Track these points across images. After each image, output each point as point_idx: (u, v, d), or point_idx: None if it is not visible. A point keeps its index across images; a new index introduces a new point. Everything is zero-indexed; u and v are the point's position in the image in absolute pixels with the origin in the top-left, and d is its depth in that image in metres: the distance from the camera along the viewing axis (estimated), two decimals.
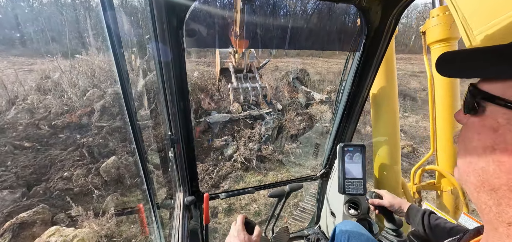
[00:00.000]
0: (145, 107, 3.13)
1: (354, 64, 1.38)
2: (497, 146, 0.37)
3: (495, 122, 0.37)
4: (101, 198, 3.82)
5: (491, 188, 0.38)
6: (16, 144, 4.48)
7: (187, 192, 1.41)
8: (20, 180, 3.81)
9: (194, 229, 1.34)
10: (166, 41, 0.94)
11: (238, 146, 5.68)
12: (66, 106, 5.54)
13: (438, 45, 1.79)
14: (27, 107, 5.35)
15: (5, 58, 10.18)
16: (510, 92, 0.36)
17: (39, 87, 6.12)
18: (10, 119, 5.04)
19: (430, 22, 1.81)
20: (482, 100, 0.40)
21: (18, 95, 5.79)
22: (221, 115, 6.46)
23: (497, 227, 0.39)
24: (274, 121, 6.39)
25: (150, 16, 0.90)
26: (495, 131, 0.37)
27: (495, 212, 0.39)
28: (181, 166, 1.32)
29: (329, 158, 1.75)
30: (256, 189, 1.66)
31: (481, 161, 0.40)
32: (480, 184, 0.40)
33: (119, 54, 0.72)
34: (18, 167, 4.01)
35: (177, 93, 1.07)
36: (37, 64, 8.95)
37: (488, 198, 0.39)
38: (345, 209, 1.55)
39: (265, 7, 1.30)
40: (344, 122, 1.56)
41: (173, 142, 1.24)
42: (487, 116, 0.39)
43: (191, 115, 5.09)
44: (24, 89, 6.00)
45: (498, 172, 0.37)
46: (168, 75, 1.00)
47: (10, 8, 14.37)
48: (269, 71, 10.08)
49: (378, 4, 1.20)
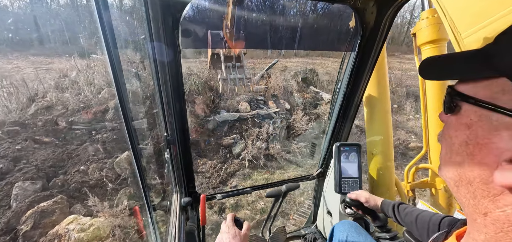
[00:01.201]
0: (140, 107, 3.22)
1: (350, 64, 1.38)
2: (470, 141, 0.40)
3: (468, 119, 0.40)
4: (115, 191, 4.01)
5: (467, 181, 0.41)
6: (36, 139, 4.77)
7: (184, 193, 1.40)
8: (40, 172, 4.06)
9: (190, 230, 1.33)
10: (161, 41, 0.93)
11: (246, 144, 5.75)
12: (82, 104, 5.82)
13: (428, 46, 1.84)
14: (46, 104, 5.67)
15: (25, 57, 10.77)
16: (481, 91, 0.38)
17: (57, 85, 6.46)
18: (30, 115, 5.37)
19: (420, 24, 1.86)
20: (458, 100, 0.42)
21: (37, 92, 6.14)
22: (230, 114, 6.55)
23: (475, 218, 0.41)
24: (282, 121, 6.40)
25: (146, 16, 0.89)
26: (469, 127, 0.40)
27: (472, 204, 0.41)
28: (177, 167, 1.31)
29: (325, 158, 1.75)
30: (253, 189, 1.67)
31: (458, 157, 0.42)
32: (458, 178, 0.43)
33: (113, 54, 0.72)
34: (38, 160, 4.28)
35: (173, 94, 1.06)
36: (55, 63, 9.43)
37: (466, 192, 0.42)
38: (342, 208, 1.56)
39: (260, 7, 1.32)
40: (340, 121, 1.57)
41: (169, 143, 1.23)
42: (462, 115, 0.42)
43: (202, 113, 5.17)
44: (43, 87, 6.36)
45: (472, 165, 0.39)
46: (164, 75, 1.01)
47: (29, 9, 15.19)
48: (278, 71, 10.06)
49: (373, 5, 1.19)
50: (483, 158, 0.38)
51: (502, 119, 0.35)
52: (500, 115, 0.35)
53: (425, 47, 1.87)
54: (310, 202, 2.05)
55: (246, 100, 7.08)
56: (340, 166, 1.51)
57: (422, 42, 1.87)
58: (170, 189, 1.48)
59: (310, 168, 5.30)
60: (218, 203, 4.15)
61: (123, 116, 0.84)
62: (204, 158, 5.43)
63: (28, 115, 5.39)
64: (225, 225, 0.92)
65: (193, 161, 5.28)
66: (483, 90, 0.38)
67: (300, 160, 5.60)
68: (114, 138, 5.06)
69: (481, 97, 0.38)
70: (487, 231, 0.39)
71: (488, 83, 0.38)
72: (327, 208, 1.71)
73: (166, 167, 1.46)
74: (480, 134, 0.38)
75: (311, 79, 9.24)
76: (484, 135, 0.38)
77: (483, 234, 0.40)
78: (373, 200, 1.22)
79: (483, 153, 0.38)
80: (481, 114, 0.38)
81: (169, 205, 1.43)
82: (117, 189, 4.05)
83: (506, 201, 0.36)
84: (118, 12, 10.90)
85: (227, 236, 0.87)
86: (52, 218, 3.19)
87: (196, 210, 1.47)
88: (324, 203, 1.74)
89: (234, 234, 0.87)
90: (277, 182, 1.70)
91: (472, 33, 0.74)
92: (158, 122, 1.38)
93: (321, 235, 1.80)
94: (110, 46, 0.71)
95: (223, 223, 0.94)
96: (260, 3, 1.30)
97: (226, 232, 0.89)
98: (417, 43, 1.93)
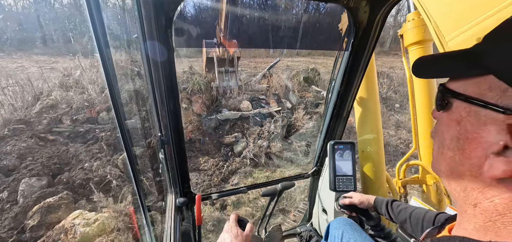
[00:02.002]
0: (134, 107, 3.24)
1: (343, 63, 1.39)
2: (461, 136, 0.41)
3: (458, 115, 0.42)
4: (119, 188, 4.08)
5: (458, 175, 0.43)
6: (42, 137, 4.87)
7: (179, 193, 1.39)
8: (45, 169, 4.15)
9: (186, 230, 1.32)
10: (154, 40, 0.92)
11: (248, 143, 5.78)
12: (86, 102, 5.92)
13: (415, 47, 1.93)
14: (51, 103, 5.78)
15: (29, 56, 10.94)
16: (469, 88, 0.40)
17: (62, 84, 6.57)
18: (35, 113, 5.48)
19: (406, 26, 1.94)
20: (449, 97, 0.44)
21: (42, 91, 6.24)
22: (232, 112, 6.58)
23: (466, 210, 0.44)
24: (283, 120, 6.41)
25: (138, 15, 0.87)
26: (459, 123, 0.42)
27: (463, 196, 0.43)
28: (172, 168, 1.29)
29: (320, 156, 1.76)
30: (249, 188, 1.68)
31: (450, 151, 0.44)
32: (449, 172, 0.45)
33: (105, 53, 0.71)
34: (44, 158, 4.37)
35: (167, 93, 1.05)
36: (59, 63, 9.57)
37: (456, 185, 0.44)
38: (336, 206, 1.57)
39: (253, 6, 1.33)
40: (334, 120, 1.58)
41: (163, 143, 1.21)
42: (453, 111, 0.44)
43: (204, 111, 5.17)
44: (48, 85, 6.46)
45: (462, 159, 0.41)
46: (157, 75, 1.00)
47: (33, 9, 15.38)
48: (280, 70, 10.06)
49: (366, 4, 1.20)
50: (472, 152, 0.40)
51: (489, 114, 0.37)
52: (488, 111, 0.37)
53: (412, 47, 1.95)
54: (306, 200, 2.07)
55: (247, 99, 7.10)
56: (334, 164, 1.53)
57: (409, 43, 1.95)
58: (165, 189, 1.47)
59: (309, 167, 5.31)
60: (219, 200, 4.19)
61: (116, 116, 0.83)
62: (206, 156, 5.48)
63: (33, 113, 5.50)
64: (228, 225, 0.93)
65: (195, 158, 5.34)
66: (472, 87, 0.40)
67: (300, 159, 5.61)
68: (117, 136, 5.13)
69: (470, 94, 0.40)
70: (476, 221, 0.41)
71: (476, 80, 0.39)
72: (322, 206, 1.72)
73: (161, 167, 1.45)
74: (470, 129, 0.40)
75: (312, 78, 9.20)
76: (473, 130, 0.39)
77: (472, 224, 0.42)
78: (367, 199, 1.24)
79: (472, 147, 0.40)
80: (470, 110, 0.40)
81: (164, 206, 1.42)
82: (121, 185, 4.12)
83: (494, 192, 0.38)
84: (110, 11, 10.95)
85: (229, 236, 0.88)
86: (58, 213, 3.27)
87: (191, 210, 1.46)
88: (319, 201, 1.75)
89: (236, 234, 0.88)
90: (272, 181, 1.71)
91: (454, 36, 0.79)
92: (152, 122, 1.37)
93: (316, 232, 1.82)
94: (102, 46, 0.70)
95: (227, 223, 0.95)
96: (254, 2, 1.31)
97: (228, 231, 0.90)
98: (404, 44, 2.01)
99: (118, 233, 3.18)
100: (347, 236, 1.19)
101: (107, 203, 3.55)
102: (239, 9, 1.31)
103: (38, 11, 15.31)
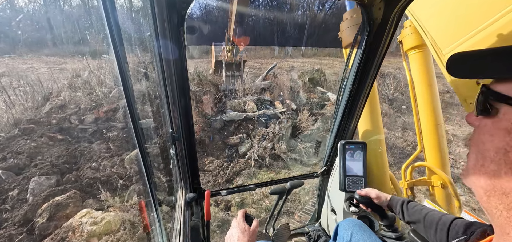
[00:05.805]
0: (147, 105, 3.29)
1: (356, 62, 1.36)
2: (511, 148, 0.35)
3: (509, 123, 0.36)
4: (125, 188, 4.12)
5: (502, 192, 0.37)
6: (51, 136, 4.95)
7: (189, 189, 1.41)
8: (54, 168, 4.21)
9: (195, 225, 1.36)
10: (167, 38, 0.93)
11: (252, 143, 5.76)
12: (94, 103, 6.00)
13: (414, 51, 2.00)
14: (60, 103, 5.87)
15: (39, 58, 11.17)
16: None
17: (70, 85, 6.68)
18: (45, 113, 5.57)
19: (405, 32, 2.01)
20: (496, 101, 0.38)
21: (52, 91, 6.36)
22: (236, 113, 6.58)
23: (508, 232, 0.37)
24: (288, 121, 6.38)
25: (151, 13, 0.89)
26: (509, 133, 0.36)
27: (506, 216, 0.37)
28: (182, 163, 1.32)
29: (330, 156, 1.74)
30: (257, 186, 1.68)
31: (493, 164, 0.38)
32: (491, 188, 0.39)
33: (120, 51, 0.72)
34: (53, 157, 4.43)
35: (178, 91, 1.06)
36: (68, 64, 9.74)
37: (499, 202, 0.38)
38: (346, 206, 1.55)
39: (264, 6, 1.33)
40: (346, 119, 1.55)
41: (174, 139, 1.22)
42: (501, 118, 0.38)
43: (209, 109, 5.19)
44: (57, 86, 6.58)
45: (510, 175, 0.35)
46: (169, 72, 1.01)
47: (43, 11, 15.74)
48: (285, 71, 10.04)
49: (381, 1, 1.18)
50: None
51: None
52: None
53: (412, 52, 2.03)
54: (314, 200, 2.05)
55: (252, 100, 7.09)
56: (345, 164, 1.50)
57: (408, 48, 2.02)
58: (175, 185, 1.49)
59: (315, 168, 5.26)
60: (224, 200, 4.19)
61: (130, 113, 0.84)
62: (211, 156, 5.49)
63: (43, 113, 5.60)
64: (236, 221, 0.96)
65: (200, 159, 5.36)
66: None
67: (305, 160, 5.57)
68: (124, 137, 5.18)
69: None
70: None
71: None
72: (331, 206, 1.70)
73: (171, 163, 1.46)
74: None
75: (318, 79, 9.14)
76: None
77: None
78: (384, 196, 1.21)
79: None
80: None
81: (174, 201, 1.44)
82: (127, 185, 4.15)
83: None
84: (125, 10, 11.14)
85: (236, 231, 0.91)
86: (66, 212, 3.32)
87: (200, 205, 1.48)
88: (328, 201, 1.73)
89: (243, 229, 0.91)
90: (281, 179, 1.70)
91: (451, 50, 0.80)
92: (163, 119, 1.39)
93: (325, 232, 1.79)
94: (117, 43, 0.72)
95: (234, 219, 0.98)
96: (265, 2, 1.30)
97: (236, 227, 0.93)
98: (404, 49, 2.08)
99: (124, 232, 3.20)
100: (356, 237, 1.17)
101: (113, 202, 3.59)
102: (251, 7, 1.30)
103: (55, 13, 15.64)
